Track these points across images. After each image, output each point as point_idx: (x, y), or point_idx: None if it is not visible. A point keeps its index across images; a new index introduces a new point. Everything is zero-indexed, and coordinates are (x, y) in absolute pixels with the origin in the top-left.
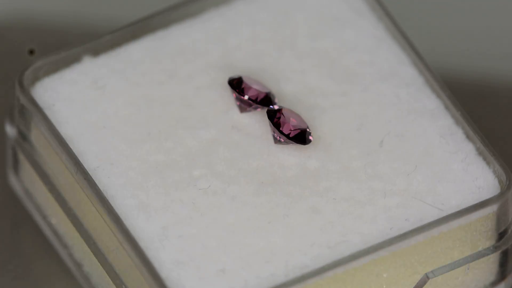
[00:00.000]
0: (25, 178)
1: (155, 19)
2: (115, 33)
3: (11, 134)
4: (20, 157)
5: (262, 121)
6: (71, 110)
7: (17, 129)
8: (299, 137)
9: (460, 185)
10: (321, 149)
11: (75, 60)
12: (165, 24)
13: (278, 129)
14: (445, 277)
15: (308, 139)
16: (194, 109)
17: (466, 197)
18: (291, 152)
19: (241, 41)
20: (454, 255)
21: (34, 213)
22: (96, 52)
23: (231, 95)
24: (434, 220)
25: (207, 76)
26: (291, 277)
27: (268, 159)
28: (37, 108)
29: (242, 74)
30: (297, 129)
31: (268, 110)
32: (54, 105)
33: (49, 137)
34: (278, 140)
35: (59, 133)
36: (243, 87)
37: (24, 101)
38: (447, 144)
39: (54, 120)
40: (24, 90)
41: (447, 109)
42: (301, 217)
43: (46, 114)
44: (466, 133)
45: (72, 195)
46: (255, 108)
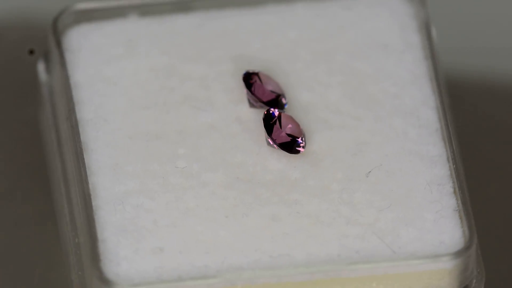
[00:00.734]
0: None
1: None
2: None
3: (42, 75)
4: (43, 99)
5: None
6: (92, 60)
7: (44, 68)
8: (286, 146)
9: (425, 235)
10: (309, 163)
11: (120, 15)
12: (220, 6)
13: (269, 133)
14: None
15: (296, 150)
16: (208, 92)
17: (425, 248)
18: (280, 158)
19: (283, 40)
20: None
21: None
22: (143, 14)
23: None
24: (380, 259)
25: (234, 64)
26: (219, 274)
27: (255, 158)
28: (59, 49)
29: (263, 70)
30: (287, 137)
31: (267, 112)
32: (80, 51)
33: (59, 80)
34: (270, 144)
35: (69, 78)
36: (255, 84)
37: (52, 41)
38: (430, 193)
39: (72, 65)
40: (55, 29)
41: (448, 161)
42: (259, 221)
43: (66, 58)
44: (454, 188)
45: (65, 143)
46: (261, 107)
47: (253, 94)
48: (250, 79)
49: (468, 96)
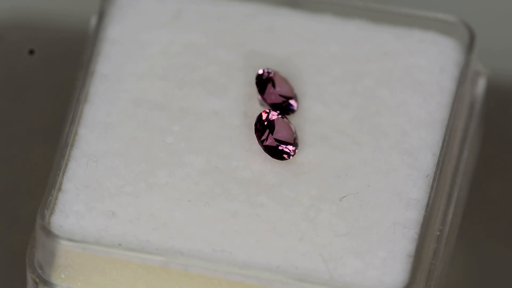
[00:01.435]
0: None
1: None
2: None
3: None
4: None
5: None
6: (134, 20)
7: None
8: (271, 151)
9: (369, 271)
10: (292, 173)
11: None
12: (278, 2)
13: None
14: None
15: (282, 157)
16: (227, 80)
17: (363, 283)
18: (266, 161)
19: (322, 51)
20: None
21: None
22: None
23: None
24: (314, 281)
25: (264, 61)
26: (156, 252)
27: (242, 154)
28: (106, 1)
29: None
30: (273, 141)
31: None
32: (127, 9)
33: (94, 31)
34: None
35: (103, 30)
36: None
37: None
38: (393, 233)
39: (114, 20)
40: None
41: (425, 207)
42: (217, 213)
43: (112, 12)
44: (418, 235)
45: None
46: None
47: (260, 93)
48: (262, 80)
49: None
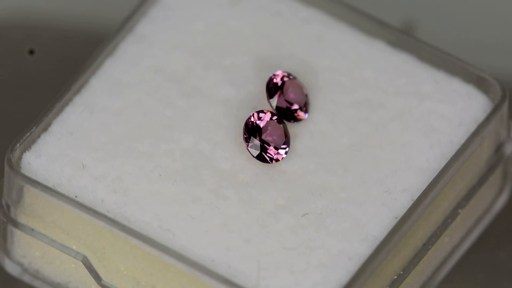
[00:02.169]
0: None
1: None
2: None
3: None
4: None
5: None
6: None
7: None
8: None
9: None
10: (268, 177)
11: None
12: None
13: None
14: None
15: (266, 160)
16: (251, 74)
17: None
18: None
19: (353, 71)
20: None
21: None
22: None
23: None
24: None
25: (295, 65)
26: (107, 213)
27: (232, 147)
28: None
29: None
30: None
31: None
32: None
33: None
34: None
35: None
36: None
37: None
38: (335, 261)
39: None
40: None
41: (378, 245)
42: (179, 194)
43: None
44: (358, 268)
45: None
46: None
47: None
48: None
49: None
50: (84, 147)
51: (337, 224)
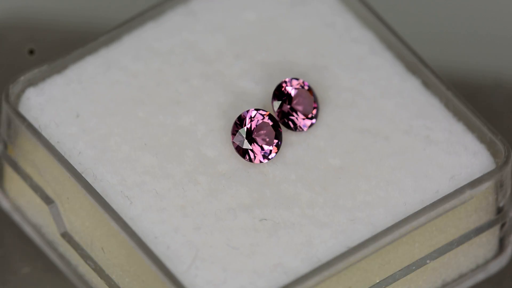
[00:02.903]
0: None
1: None
2: None
3: None
4: None
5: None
6: None
7: None
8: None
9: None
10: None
11: None
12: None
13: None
14: None
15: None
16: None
17: None
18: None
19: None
20: None
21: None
22: None
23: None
24: (164, 268)
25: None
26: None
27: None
28: None
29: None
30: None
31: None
32: None
33: None
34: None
35: None
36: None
37: None
38: (268, 272)
39: None
40: None
41: (322, 267)
42: (153, 165)
43: None
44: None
45: None
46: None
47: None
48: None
49: None
50: (87, 99)
51: (289, 238)
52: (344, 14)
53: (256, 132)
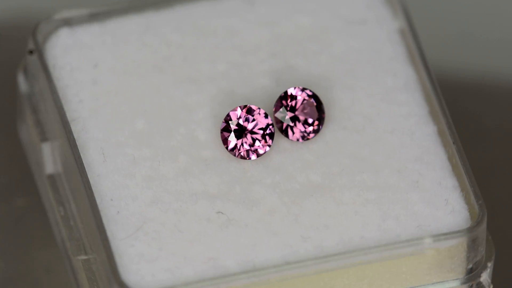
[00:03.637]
0: None
1: None
2: None
3: None
4: None
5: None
6: None
7: None
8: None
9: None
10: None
11: None
12: None
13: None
14: None
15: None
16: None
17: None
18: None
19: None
20: None
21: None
22: None
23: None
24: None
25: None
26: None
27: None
28: None
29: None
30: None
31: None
32: None
33: None
34: None
35: None
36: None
37: None
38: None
39: None
40: None
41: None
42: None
43: None
44: None
45: None
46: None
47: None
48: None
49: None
50: (112, 53)
51: (235, 237)
52: (395, 45)
53: (246, 141)
